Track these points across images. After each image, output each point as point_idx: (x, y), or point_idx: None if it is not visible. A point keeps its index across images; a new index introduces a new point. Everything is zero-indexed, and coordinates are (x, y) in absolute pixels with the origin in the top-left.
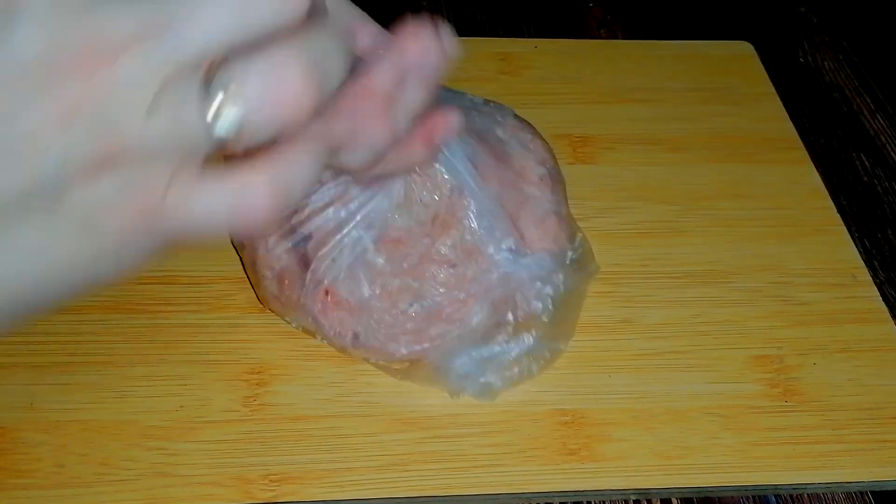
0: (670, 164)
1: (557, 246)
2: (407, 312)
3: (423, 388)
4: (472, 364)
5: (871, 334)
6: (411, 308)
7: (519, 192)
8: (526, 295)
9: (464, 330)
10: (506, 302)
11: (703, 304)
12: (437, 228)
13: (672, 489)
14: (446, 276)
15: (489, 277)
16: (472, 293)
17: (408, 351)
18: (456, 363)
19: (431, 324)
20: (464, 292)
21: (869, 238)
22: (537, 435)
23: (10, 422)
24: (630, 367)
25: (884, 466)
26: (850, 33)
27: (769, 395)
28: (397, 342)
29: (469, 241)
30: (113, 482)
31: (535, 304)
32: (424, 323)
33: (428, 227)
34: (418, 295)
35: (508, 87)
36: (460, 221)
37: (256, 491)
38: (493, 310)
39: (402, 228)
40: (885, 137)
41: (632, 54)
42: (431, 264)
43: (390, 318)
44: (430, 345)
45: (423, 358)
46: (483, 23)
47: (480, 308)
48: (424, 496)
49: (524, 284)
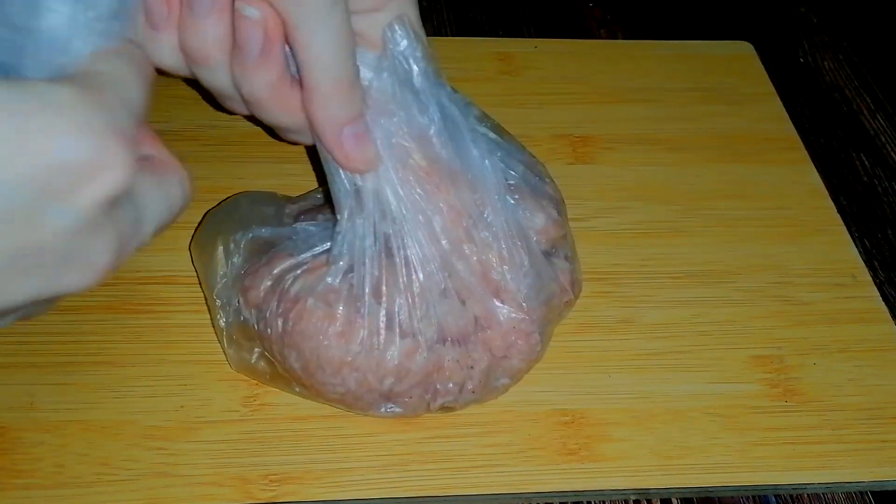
0: (670, 164)
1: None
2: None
3: None
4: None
5: (871, 334)
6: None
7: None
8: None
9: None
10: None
11: (703, 304)
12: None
13: (672, 489)
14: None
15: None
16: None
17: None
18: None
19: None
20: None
21: (869, 238)
22: (537, 435)
23: (10, 422)
24: (630, 367)
25: (884, 466)
26: (850, 33)
27: (769, 395)
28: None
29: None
30: (113, 482)
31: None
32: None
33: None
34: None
35: (508, 87)
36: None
37: (256, 491)
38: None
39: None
40: (885, 137)
41: (632, 54)
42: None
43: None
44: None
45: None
46: (483, 23)
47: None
48: (424, 496)
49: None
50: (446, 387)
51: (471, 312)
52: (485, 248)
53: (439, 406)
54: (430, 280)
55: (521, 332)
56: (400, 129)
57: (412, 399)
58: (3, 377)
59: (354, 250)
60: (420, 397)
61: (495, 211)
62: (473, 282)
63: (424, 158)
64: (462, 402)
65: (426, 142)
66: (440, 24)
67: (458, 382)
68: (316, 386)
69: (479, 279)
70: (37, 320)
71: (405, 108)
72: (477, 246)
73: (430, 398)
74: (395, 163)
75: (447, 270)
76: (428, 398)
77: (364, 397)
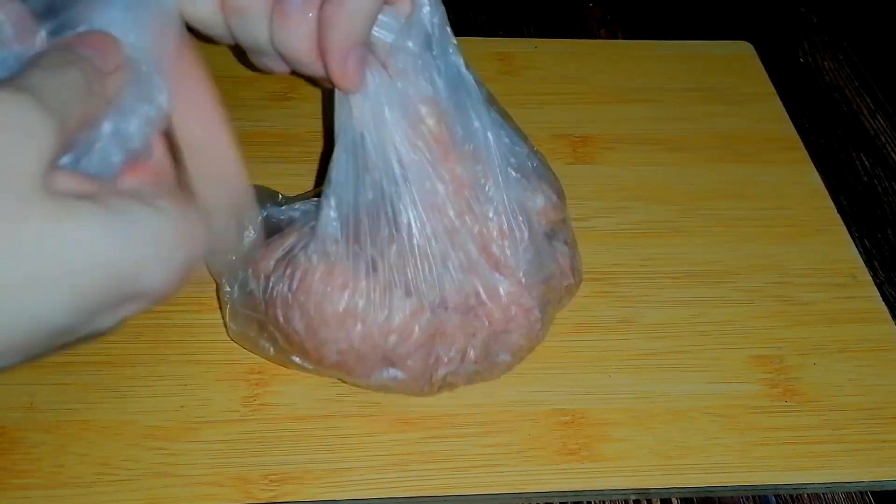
0: (670, 164)
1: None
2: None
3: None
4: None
5: (871, 334)
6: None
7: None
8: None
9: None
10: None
11: (703, 304)
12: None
13: (672, 489)
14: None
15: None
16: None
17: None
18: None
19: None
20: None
21: (869, 238)
22: (537, 435)
23: (10, 422)
24: (630, 367)
25: (884, 466)
26: (850, 33)
27: (769, 395)
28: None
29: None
30: (113, 482)
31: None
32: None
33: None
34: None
35: (508, 87)
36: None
37: (256, 491)
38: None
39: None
40: (885, 137)
41: (632, 54)
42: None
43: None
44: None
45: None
46: (483, 23)
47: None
48: (424, 496)
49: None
50: (448, 353)
51: (471, 283)
52: (485, 221)
53: (442, 379)
54: (432, 246)
55: (521, 307)
56: (416, 92)
57: (414, 364)
58: (3, 377)
59: (358, 202)
60: (423, 362)
61: (497, 185)
62: (474, 253)
63: (436, 124)
64: (464, 374)
65: (438, 108)
66: None
67: (461, 349)
68: (318, 348)
69: (479, 251)
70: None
71: (423, 71)
72: (478, 218)
73: (432, 364)
74: (407, 127)
75: (449, 240)
76: (431, 364)
77: (367, 356)
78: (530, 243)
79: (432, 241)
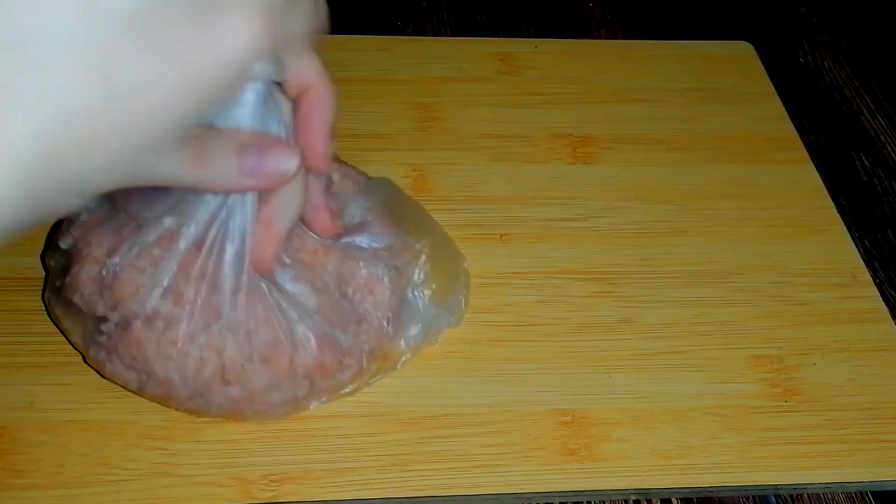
0: (670, 164)
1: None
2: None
3: (423, 388)
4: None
5: (871, 334)
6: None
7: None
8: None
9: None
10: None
11: (703, 304)
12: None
13: (672, 489)
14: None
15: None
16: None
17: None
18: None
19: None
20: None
21: (869, 238)
22: (537, 435)
23: (10, 422)
24: (630, 367)
25: (884, 466)
26: (850, 33)
27: (769, 395)
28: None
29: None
30: (113, 482)
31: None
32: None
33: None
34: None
35: (508, 87)
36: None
37: (256, 491)
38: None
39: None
40: (885, 137)
41: (632, 54)
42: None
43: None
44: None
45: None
46: (483, 23)
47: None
48: (424, 496)
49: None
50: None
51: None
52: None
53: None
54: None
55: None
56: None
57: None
58: (3, 377)
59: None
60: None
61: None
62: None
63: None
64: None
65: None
66: (440, 24)
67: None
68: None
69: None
70: (36, 320)
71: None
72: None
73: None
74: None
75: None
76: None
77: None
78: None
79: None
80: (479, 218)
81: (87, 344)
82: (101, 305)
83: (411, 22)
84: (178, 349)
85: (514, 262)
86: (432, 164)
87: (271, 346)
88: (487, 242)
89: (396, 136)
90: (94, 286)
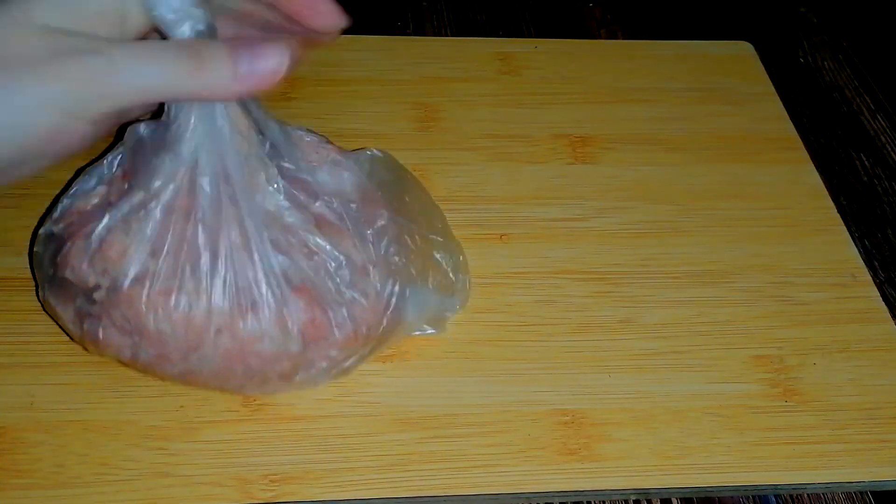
0: (670, 164)
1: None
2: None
3: (423, 388)
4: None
5: (871, 334)
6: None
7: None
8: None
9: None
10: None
11: (703, 304)
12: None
13: (672, 489)
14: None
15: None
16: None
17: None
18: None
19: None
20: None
21: (869, 238)
22: (537, 435)
23: (10, 422)
24: (630, 367)
25: (884, 466)
26: (850, 33)
27: (769, 395)
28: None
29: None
30: (113, 482)
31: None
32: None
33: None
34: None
35: (508, 87)
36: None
37: (256, 491)
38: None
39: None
40: (885, 137)
41: (632, 54)
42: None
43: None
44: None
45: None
46: (483, 23)
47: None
48: (424, 496)
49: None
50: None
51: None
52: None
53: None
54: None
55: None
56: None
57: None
58: (3, 377)
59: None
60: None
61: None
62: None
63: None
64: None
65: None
66: (440, 24)
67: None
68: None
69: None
70: (36, 320)
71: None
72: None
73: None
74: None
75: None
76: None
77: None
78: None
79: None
80: (479, 218)
81: (81, 320)
82: (92, 276)
83: (411, 22)
84: (167, 299)
85: (514, 262)
86: (432, 163)
87: (255, 293)
88: (487, 242)
89: (396, 136)
90: (84, 257)
